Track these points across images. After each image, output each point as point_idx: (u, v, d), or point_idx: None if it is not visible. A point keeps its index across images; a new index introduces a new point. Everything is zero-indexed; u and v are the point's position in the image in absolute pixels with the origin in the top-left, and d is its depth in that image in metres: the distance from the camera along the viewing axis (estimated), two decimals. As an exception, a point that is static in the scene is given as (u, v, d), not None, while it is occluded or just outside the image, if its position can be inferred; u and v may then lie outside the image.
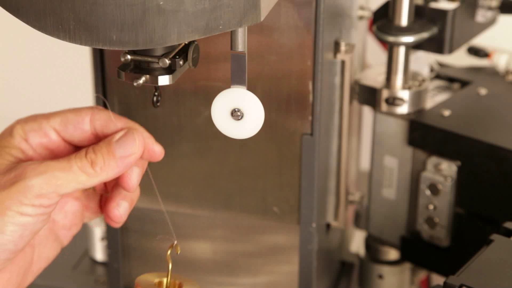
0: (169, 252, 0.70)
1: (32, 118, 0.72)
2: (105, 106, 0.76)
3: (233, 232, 0.87)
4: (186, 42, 0.68)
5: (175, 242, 0.71)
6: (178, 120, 0.82)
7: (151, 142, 0.72)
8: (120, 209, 0.72)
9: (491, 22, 0.98)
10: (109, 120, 0.71)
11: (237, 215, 0.86)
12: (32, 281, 0.74)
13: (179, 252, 0.70)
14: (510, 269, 0.71)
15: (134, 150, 0.69)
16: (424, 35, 0.90)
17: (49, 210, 0.67)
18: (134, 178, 0.71)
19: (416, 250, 0.96)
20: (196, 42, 0.69)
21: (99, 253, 0.99)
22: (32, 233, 0.67)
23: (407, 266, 1.00)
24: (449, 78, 1.02)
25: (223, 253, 0.88)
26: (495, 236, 0.74)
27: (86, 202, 0.75)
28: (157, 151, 0.72)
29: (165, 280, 0.70)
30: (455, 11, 0.90)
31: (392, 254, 0.99)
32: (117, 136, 0.69)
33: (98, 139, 0.72)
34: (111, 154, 0.68)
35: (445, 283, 0.69)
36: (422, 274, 1.04)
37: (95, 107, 0.73)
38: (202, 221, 0.87)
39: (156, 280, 0.70)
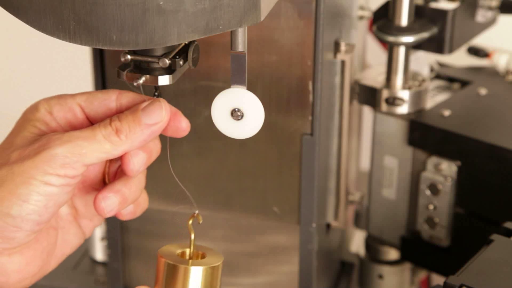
0: (190, 222, 0.69)
1: (58, 96, 0.71)
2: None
3: (233, 232, 0.87)
4: (186, 42, 0.68)
5: (197, 211, 0.70)
6: (178, 120, 0.82)
7: (179, 115, 0.70)
8: (105, 202, 0.70)
9: (491, 22, 0.98)
10: (136, 98, 0.70)
11: (237, 215, 0.86)
12: (55, 267, 0.73)
13: (201, 222, 0.69)
14: (510, 269, 0.71)
15: (161, 118, 0.68)
16: (424, 35, 0.90)
17: (73, 182, 0.66)
18: (136, 161, 0.69)
19: (416, 250, 0.96)
20: (196, 42, 0.69)
21: (99, 253, 0.99)
22: (56, 205, 0.66)
23: (407, 266, 1.00)
24: (449, 78, 1.02)
25: (223, 253, 0.88)
26: (495, 236, 0.74)
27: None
28: (184, 125, 0.70)
29: (187, 250, 0.69)
30: (455, 11, 0.90)
31: (392, 254, 0.99)
32: (143, 104, 0.68)
33: None
34: (137, 122, 0.67)
35: (445, 283, 0.69)
36: (422, 274, 1.04)
37: (123, 90, 0.72)
38: (202, 221, 0.87)
39: (179, 251, 0.69)
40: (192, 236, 0.69)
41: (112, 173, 0.74)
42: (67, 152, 0.65)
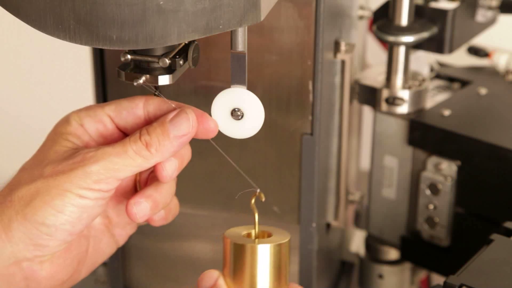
0: (253, 201, 0.69)
1: (87, 107, 0.72)
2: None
3: (233, 232, 0.87)
4: (186, 42, 0.68)
5: (258, 190, 0.69)
6: (178, 120, 0.82)
7: (205, 118, 0.70)
8: (137, 208, 0.71)
9: (491, 22, 0.98)
10: (162, 104, 0.71)
11: (237, 215, 0.86)
12: (86, 276, 0.74)
13: (264, 199, 0.69)
14: (510, 269, 0.71)
15: (188, 130, 0.69)
16: (424, 35, 0.90)
17: (107, 195, 0.68)
18: (168, 168, 0.70)
19: (416, 250, 0.96)
20: (196, 42, 0.69)
21: (99, 253, 0.99)
22: (89, 217, 0.68)
23: (407, 266, 1.00)
24: (449, 78, 1.02)
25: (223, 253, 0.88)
26: (495, 236, 0.74)
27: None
28: (212, 126, 0.70)
29: (253, 231, 0.69)
30: (455, 11, 0.90)
31: (392, 254, 0.99)
32: (170, 115, 0.69)
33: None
34: (166, 135, 0.68)
35: (445, 283, 0.69)
36: (422, 274, 1.04)
37: (149, 95, 0.72)
38: (202, 221, 0.87)
39: (244, 232, 0.69)
40: (256, 216, 0.68)
41: (143, 180, 0.75)
42: (101, 169, 0.67)
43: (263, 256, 0.66)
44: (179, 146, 0.69)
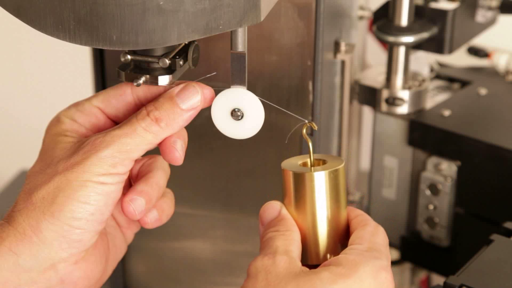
0: (304, 130, 0.69)
1: (75, 104, 0.72)
2: None
3: (233, 232, 0.87)
4: (186, 42, 0.68)
5: (307, 121, 0.69)
6: (178, 120, 0.82)
7: (202, 87, 0.70)
8: (134, 204, 0.71)
9: (491, 22, 0.98)
10: (151, 87, 0.70)
11: (237, 215, 0.86)
12: (110, 274, 0.75)
13: (316, 128, 0.69)
14: (510, 269, 0.71)
15: (198, 102, 0.68)
16: (424, 35, 0.90)
17: (125, 176, 0.68)
18: (179, 148, 0.70)
19: (416, 250, 0.96)
20: (196, 42, 0.69)
21: (99, 253, 0.99)
22: (114, 202, 0.68)
23: (407, 266, 1.00)
24: (449, 78, 1.02)
25: (223, 253, 0.88)
26: (495, 236, 0.74)
27: None
28: (208, 94, 0.69)
29: (308, 160, 0.70)
30: (455, 11, 0.90)
31: (392, 254, 0.99)
32: (176, 90, 0.69)
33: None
34: (176, 108, 0.68)
35: (445, 283, 0.69)
36: (422, 274, 1.04)
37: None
38: (202, 221, 0.87)
39: (300, 162, 0.70)
40: (310, 145, 0.69)
41: (134, 176, 0.75)
42: (114, 152, 0.67)
43: (320, 182, 0.67)
44: (188, 119, 0.69)
